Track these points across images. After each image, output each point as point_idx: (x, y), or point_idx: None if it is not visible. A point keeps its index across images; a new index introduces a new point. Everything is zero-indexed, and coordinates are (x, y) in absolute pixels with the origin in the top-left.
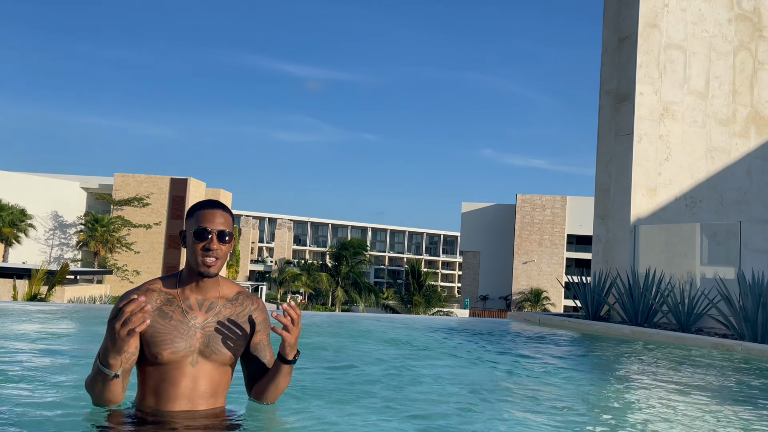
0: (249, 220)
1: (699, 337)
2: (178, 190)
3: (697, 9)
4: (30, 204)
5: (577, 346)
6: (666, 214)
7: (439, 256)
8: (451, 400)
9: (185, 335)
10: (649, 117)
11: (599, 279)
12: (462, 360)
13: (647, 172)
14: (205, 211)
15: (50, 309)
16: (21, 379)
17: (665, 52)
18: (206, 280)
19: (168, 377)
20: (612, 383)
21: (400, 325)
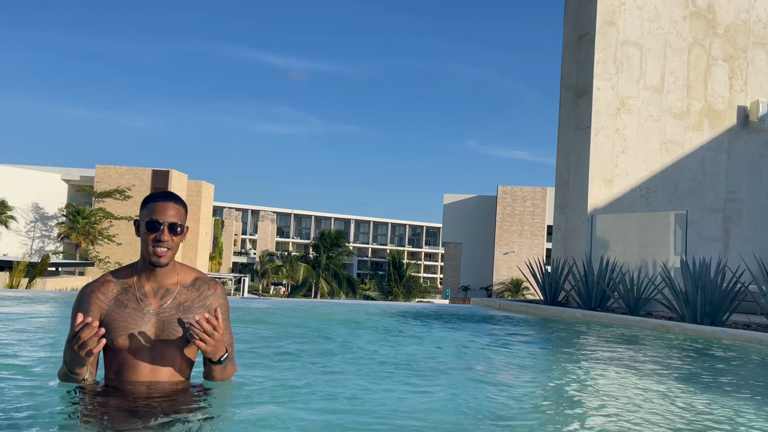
0: (232, 212)
1: (641, 319)
2: (160, 182)
3: (653, 7)
4: (10, 196)
5: (525, 327)
6: (622, 204)
7: (422, 247)
8: (386, 373)
9: (139, 321)
10: (606, 111)
11: (557, 266)
12: (408, 338)
13: (604, 164)
14: (157, 203)
15: (24, 296)
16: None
17: (622, 48)
18: (151, 268)
19: (128, 362)
20: (549, 357)
21: (356, 309)
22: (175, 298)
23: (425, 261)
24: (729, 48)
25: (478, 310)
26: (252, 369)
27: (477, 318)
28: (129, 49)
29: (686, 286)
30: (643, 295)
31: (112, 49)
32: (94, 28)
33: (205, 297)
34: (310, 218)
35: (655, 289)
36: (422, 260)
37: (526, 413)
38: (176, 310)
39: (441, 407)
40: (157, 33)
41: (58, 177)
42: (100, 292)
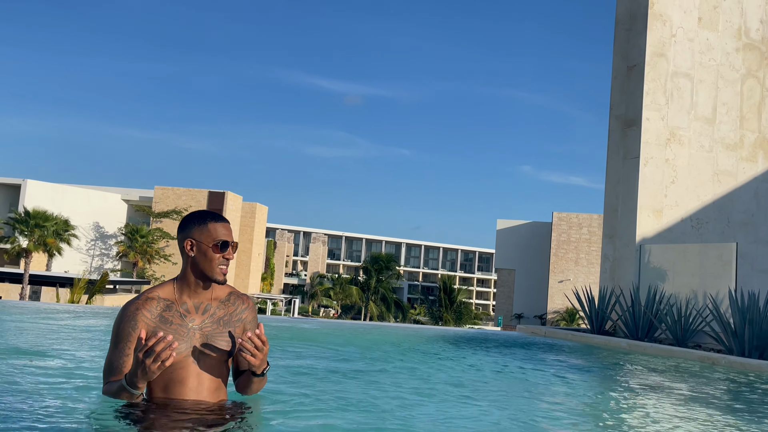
0: (284, 234)
1: (687, 351)
2: (215, 203)
3: (705, 39)
4: (73, 215)
5: (568, 354)
6: (672, 235)
7: (474, 273)
8: (425, 395)
9: (185, 337)
10: (656, 142)
11: (604, 295)
12: (449, 362)
13: (653, 194)
14: (219, 223)
15: (87, 310)
16: (48, 368)
17: (672, 79)
18: (205, 284)
19: (175, 377)
20: (591, 384)
21: (400, 333)
22: (215, 313)
23: (477, 287)
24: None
25: (523, 337)
26: (294, 386)
27: (519, 343)
28: (188, 74)
29: (734, 319)
30: (691, 326)
31: (172, 73)
32: (154, 54)
33: (240, 311)
34: (360, 241)
35: (702, 321)
36: (474, 286)
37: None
38: (217, 324)
39: (477, 425)
40: (215, 58)
41: (119, 197)
42: (145, 309)
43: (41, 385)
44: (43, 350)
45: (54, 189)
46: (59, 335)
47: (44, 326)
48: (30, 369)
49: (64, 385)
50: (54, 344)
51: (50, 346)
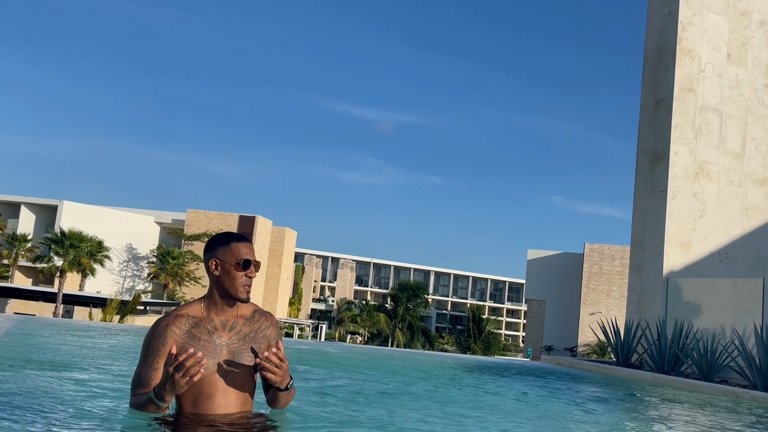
0: (312, 259)
1: (711, 385)
2: (245, 227)
3: (734, 75)
4: (107, 236)
5: (588, 384)
6: (700, 269)
7: (504, 303)
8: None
9: (213, 353)
10: (684, 175)
11: (630, 328)
12: (470, 388)
13: (681, 228)
14: (242, 243)
15: (117, 328)
16: (85, 381)
17: (701, 114)
18: (230, 302)
19: (203, 392)
20: (606, 413)
21: (421, 359)
22: (241, 330)
23: (507, 317)
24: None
25: (546, 367)
26: (317, 405)
27: (541, 372)
28: (220, 99)
29: (759, 354)
30: (717, 361)
31: (205, 98)
32: (188, 78)
33: (265, 327)
34: (389, 268)
35: (728, 357)
36: (504, 317)
37: None
38: (243, 340)
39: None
40: (250, 85)
41: (152, 219)
42: (175, 326)
43: (75, 398)
44: (76, 364)
45: (89, 210)
46: (92, 351)
47: (78, 342)
48: (64, 382)
49: (97, 398)
50: (87, 359)
51: (83, 360)
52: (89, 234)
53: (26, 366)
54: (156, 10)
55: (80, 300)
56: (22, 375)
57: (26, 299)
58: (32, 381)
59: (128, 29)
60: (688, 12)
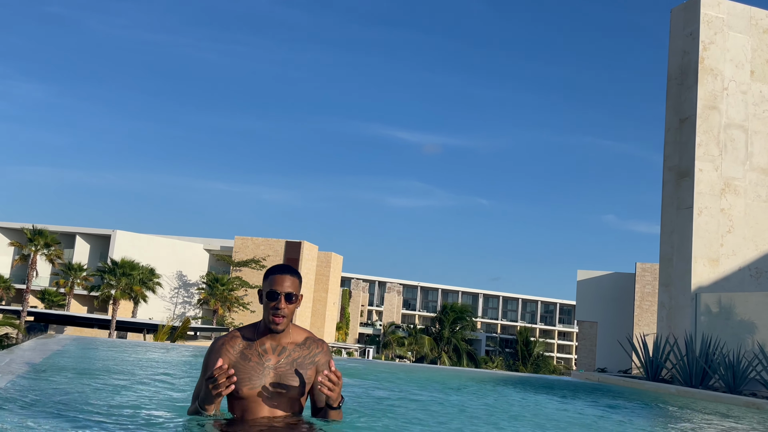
0: (359, 283)
1: (734, 397)
2: (292, 252)
3: (758, 91)
4: (158, 264)
5: (611, 397)
6: (729, 284)
7: (555, 325)
8: None
9: (261, 375)
10: (710, 192)
11: (659, 343)
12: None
13: (708, 244)
14: (276, 276)
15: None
16: (141, 393)
17: (725, 131)
18: (270, 329)
19: (249, 409)
20: (624, 422)
21: (459, 375)
22: (290, 355)
23: (559, 340)
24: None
25: (576, 382)
26: (363, 413)
27: (567, 386)
28: (267, 127)
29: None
30: (744, 375)
31: (252, 126)
32: (235, 108)
33: (314, 354)
34: (437, 291)
35: (753, 370)
36: (555, 339)
37: None
38: (291, 365)
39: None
40: (293, 111)
41: (201, 247)
42: (229, 345)
43: (137, 407)
44: (138, 378)
45: (141, 239)
46: (149, 367)
47: (135, 360)
48: (127, 393)
49: (155, 410)
50: (146, 374)
51: (143, 375)
52: (141, 262)
53: (87, 375)
54: (203, 43)
55: (133, 326)
56: (85, 383)
57: (82, 326)
58: (96, 389)
59: (176, 62)
60: (710, 32)
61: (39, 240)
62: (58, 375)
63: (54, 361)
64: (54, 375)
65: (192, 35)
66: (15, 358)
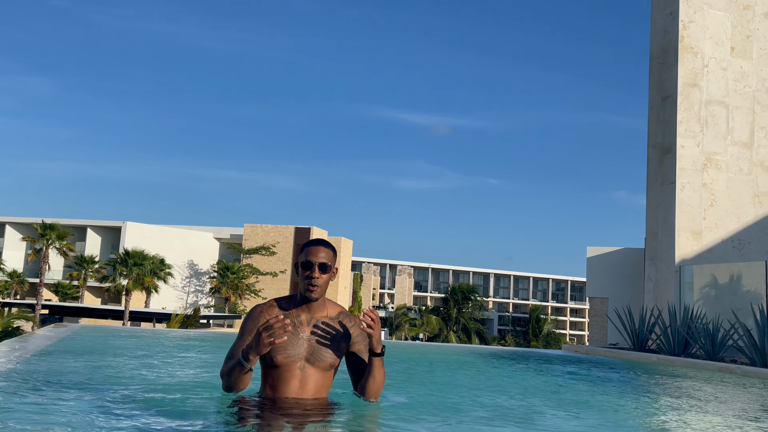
0: (370, 267)
1: (708, 363)
2: (302, 238)
3: (739, 67)
4: (169, 254)
5: (593, 367)
6: (713, 256)
7: (567, 302)
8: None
9: (295, 345)
10: (692, 167)
11: (644, 315)
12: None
13: (691, 217)
14: (311, 247)
15: (184, 335)
16: (169, 376)
17: (706, 108)
18: (306, 300)
19: (281, 376)
20: (602, 387)
21: (459, 351)
22: (324, 328)
23: (571, 317)
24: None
25: (568, 356)
26: None
27: (557, 358)
28: (274, 114)
29: (756, 333)
30: (722, 342)
31: (259, 114)
32: (241, 96)
33: (347, 328)
34: (447, 272)
35: (729, 338)
36: (567, 316)
37: None
38: (324, 338)
39: None
40: (299, 97)
41: (211, 236)
42: (267, 313)
43: (170, 387)
44: (165, 361)
45: (151, 230)
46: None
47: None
48: (156, 374)
49: (188, 388)
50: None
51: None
52: (151, 252)
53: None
54: (208, 32)
55: (146, 316)
56: (103, 365)
57: (95, 318)
58: (115, 370)
59: (181, 51)
60: (689, 11)
61: (51, 234)
62: (73, 357)
63: (66, 345)
64: (67, 357)
65: (196, 24)
66: (27, 344)
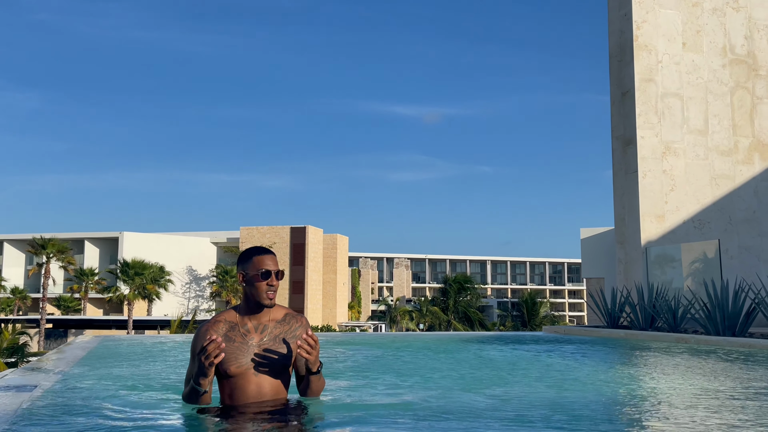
0: (367, 262)
1: (667, 334)
2: (297, 238)
3: (691, 60)
4: (168, 261)
5: (567, 344)
6: (676, 236)
7: (565, 284)
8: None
9: (246, 353)
10: (652, 156)
11: (614, 294)
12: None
13: (654, 202)
14: (263, 256)
15: None
16: (137, 385)
17: (662, 100)
18: (258, 308)
19: (238, 385)
20: (572, 357)
21: (439, 338)
22: (272, 332)
23: (569, 299)
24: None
25: (548, 336)
26: None
27: (537, 339)
28: (263, 115)
29: (709, 306)
30: (683, 315)
31: (248, 115)
32: (229, 98)
33: (294, 329)
34: (445, 262)
35: (686, 312)
36: (566, 298)
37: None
38: (274, 341)
39: None
40: (287, 96)
41: (208, 240)
42: (213, 330)
43: (140, 396)
44: (143, 371)
45: (148, 238)
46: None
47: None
48: (130, 382)
49: (152, 395)
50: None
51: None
52: (151, 261)
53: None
54: (191, 36)
55: (149, 324)
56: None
57: (99, 329)
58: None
59: (166, 58)
60: (642, 11)
61: (51, 248)
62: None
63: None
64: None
65: (179, 29)
66: (65, 356)
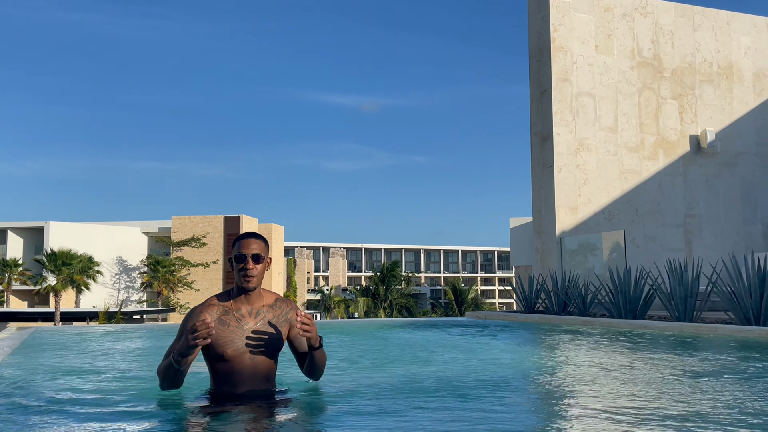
0: (303, 251)
1: (576, 318)
2: (231, 227)
3: (602, 62)
4: (96, 251)
5: (483, 328)
6: (587, 227)
7: (495, 272)
8: None
9: (242, 337)
10: (567, 152)
11: (532, 282)
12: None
13: (568, 195)
14: (242, 240)
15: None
16: (103, 377)
17: (577, 99)
18: (251, 292)
19: (233, 369)
20: (483, 339)
21: (368, 324)
22: (265, 316)
23: (500, 286)
24: (677, 88)
25: (469, 321)
26: None
27: (458, 324)
28: (195, 102)
29: (613, 291)
30: (591, 300)
31: (180, 102)
32: (160, 84)
33: (285, 312)
34: (380, 251)
35: (595, 297)
36: (496, 285)
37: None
38: (266, 326)
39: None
40: (220, 83)
41: (138, 230)
42: (207, 313)
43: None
44: (97, 363)
45: (76, 228)
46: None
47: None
48: (93, 376)
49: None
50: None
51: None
52: (78, 251)
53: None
54: (120, 20)
55: (77, 316)
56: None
57: (25, 321)
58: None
59: (93, 41)
60: (558, 15)
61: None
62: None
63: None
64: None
65: (107, 12)
66: None
